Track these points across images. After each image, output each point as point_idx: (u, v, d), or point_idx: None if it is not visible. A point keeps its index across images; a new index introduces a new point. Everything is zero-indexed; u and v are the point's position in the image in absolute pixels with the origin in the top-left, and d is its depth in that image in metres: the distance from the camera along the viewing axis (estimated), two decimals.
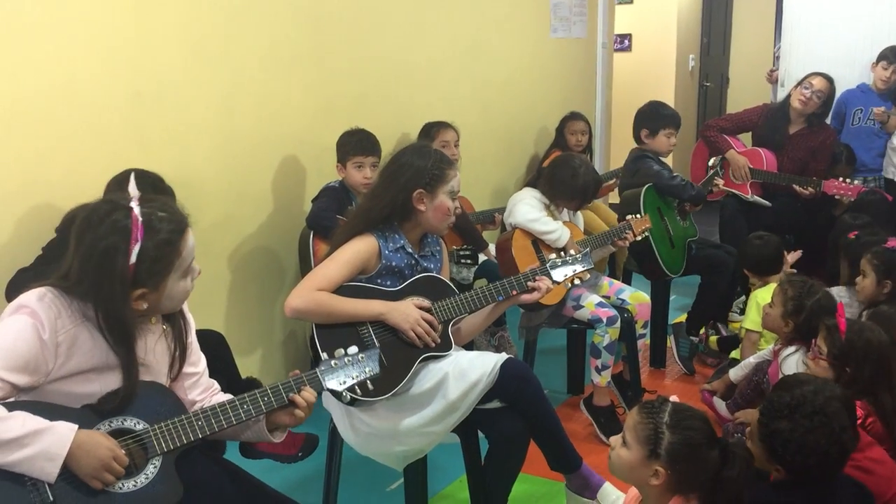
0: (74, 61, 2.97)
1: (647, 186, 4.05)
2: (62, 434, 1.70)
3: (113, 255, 1.78)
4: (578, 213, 3.73)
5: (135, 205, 1.82)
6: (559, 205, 3.56)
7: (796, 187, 4.72)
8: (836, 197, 4.66)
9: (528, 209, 3.44)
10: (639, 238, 3.67)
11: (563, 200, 3.54)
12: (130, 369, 1.84)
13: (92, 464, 1.72)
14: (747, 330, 3.76)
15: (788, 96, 4.93)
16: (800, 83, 4.86)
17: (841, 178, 4.64)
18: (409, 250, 2.60)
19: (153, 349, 1.93)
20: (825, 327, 2.60)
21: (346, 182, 3.72)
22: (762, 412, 2.11)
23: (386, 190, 2.58)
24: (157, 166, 2.94)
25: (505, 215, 3.56)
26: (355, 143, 3.70)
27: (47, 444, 1.68)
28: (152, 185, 2.76)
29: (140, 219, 1.79)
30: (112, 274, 1.78)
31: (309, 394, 1.97)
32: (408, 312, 2.49)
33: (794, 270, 3.87)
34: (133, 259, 1.78)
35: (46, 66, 2.89)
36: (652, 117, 4.28)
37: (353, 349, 2.05)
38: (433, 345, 2.52)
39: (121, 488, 1.76)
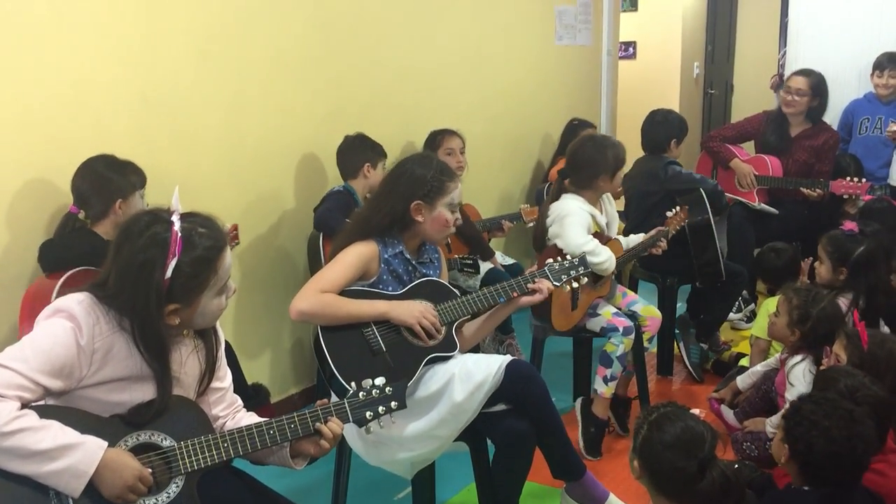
0: (82, 66, 2.97)
1: (700, 189, 4.04)
2: (91, 451, 1.69)
3: (150, 268, 1.77)
4: (616, 214, 3.64)
5: (175, 219, 1.81)
6: (598, 189, 3.42)
7: (804, 190, 4.72)
8: (845, 197, 4.67)
9: (583, 239, 3.23)
10: (672, 234, 3.64)
11: (601, 178, 3.37)
12: (164, 383, 1.83)
13: (117, 483, 1.71)
14: (756, 337, 3.74)
15: None
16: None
17: (849, 178, 4.64)
18: (407, 256, 2.61)
19: (185, 363, 1.92)
20: (845, 335, 2.59)
21: (370, 182, 3.76)
22: (801, 397, 2.15)
23: (385, 200, 2.59)
24: (163, 171, 2.94)
25: (548, 221, 3.38)
26: (382, 149, 3.81)
27: (76, 460, 1.67)
28: (121, 168, 2.82)
29: (179, 234, 1.78)
30: (148, 287, 1.76)
31: (335, 425, 1.95)
32: (411, 307, 2.50)
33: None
34: (168, 274, 1.76)
35: (54, 71, 2.89)
36: (681, 127, 4.31)
37: (380, 380, 2.03)
38: (438, 336, 2.52)
39: None
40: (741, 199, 4.88)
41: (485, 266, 4.18)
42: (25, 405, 1.69)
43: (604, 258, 3.25)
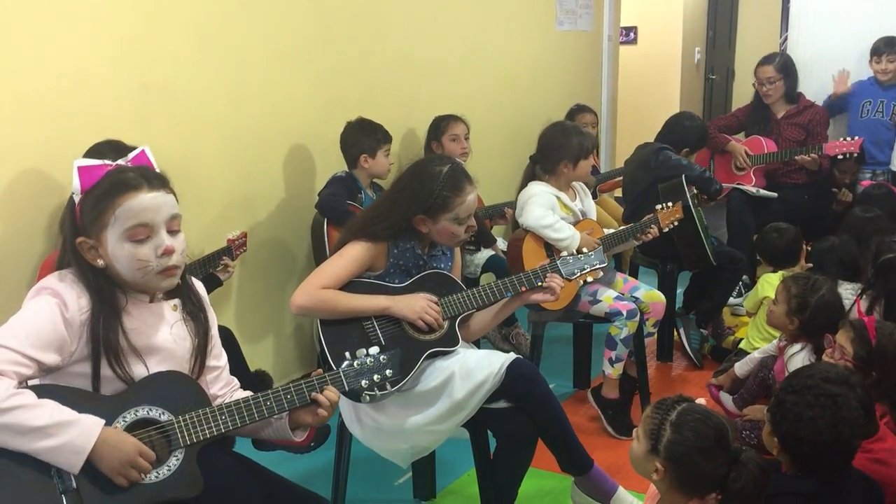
0: (82, 53, 2.96)
1: (684, 176, 4.02)
2: (88, 428, 1.71)
3: (73, 200, 1.85)
4: (593, 203, 3.67)
5: (120, 161, 1.87)
6: (562, 175, 3.45)
7: (799, 158, 4.77)
8: (840, 157, 4.75)
9: (541, 212, 3.33)
10: (665, 230, 3.62)
11: (563, 163, 3.41)
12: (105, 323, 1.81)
13: (118, 458, 1.72)
14: (748, 311, 3.78)
15: None
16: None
17: (842, 138, 4.72)
18: (418, 251, 2.59)
19: (171, 333, 1.92)
20: (852, 327, 2.55)
21: (371, 171, 3.75)
22: (782, 386, 2.12)
23: (388, 210, 2.57)
24: (163, 158, 2.89)
25: (517, 213, 3.48)
26: (385, 133, 3.77)
27: (73, 436, 1.69)
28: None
29: (105, 170, 1.83)
30: (70, 217, 1.85)
31: (332, 393, 1.96)
32: (413, 302, 2.48)
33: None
34: (76, 200, 1.82)
35: (54, 59, 2.88)
36: (700, 139, 4.37)
37: (374, 349, 2.04)
38: (440, 330, 2.51)
39: (144, 479, 1.77)
40: (740, 186, 4.89)
41: (486, 252, 4.19)
42: (22, 381, 1.71)
43: (564, 235, 3.29)
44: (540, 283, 2.64)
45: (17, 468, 1.68)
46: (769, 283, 3.76)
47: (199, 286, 2.07)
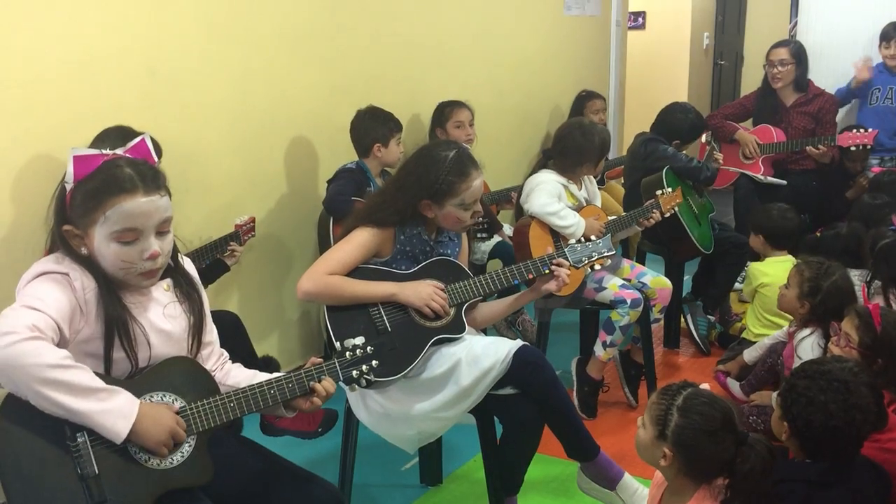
0: (89, 39, 2.96)
1: (665, 169, 4.01)
2: (130, 398, 1.75)
3: (64, 186, 1.85)
4: (597, 191, 3.68)
5: (118, 151, 1.86)
6: (580, 174, 3.49)
7: (810, 149, 4.73)
8: (853, 149, 4.71)
9: (546, 200, 3.34)
10: (667, 215, 3.61)
11: (586, 166, 3.46)
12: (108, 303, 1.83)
13: (159, 430, 1.76)
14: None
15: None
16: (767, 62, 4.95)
17: (855, 130, 4.66)
18: (425, 237, 2.59)
19: (164, 314, 1.94)
20: (857, 315, 2.54)
21: (383, 160, 3.73)
22: (793, 372, 2.12)
23: (393, 195, 2.56)
24: (171, 144, 2.93)
25: (521, 199, 3.47)
26: (396, 121, 3.75)
27: (120, 402, 1.73)
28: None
29: (99, 162, 1.82)
30: (58, 207, 1.87)
31: (329, 384, 2.01)
32: (419, 289, 2.48)
33: None
34: (68, 188, 1.82)
35: (61, 44, 2.88)
36: (692, 129, 4.30)
37: (359, 339, 2.08)
38: (447, 317, 2.51)
39: (158, 465, 1.79)
40: (748, 173, 4.86)
41: (493, 239, 4.18)
42: None
43: (569, 222, 3.31)
44: (547, 271, 2.63)
45: (37, 455, 1.70)
46: (759, 270, 3.79)
47: (189, 265, 2.08)
